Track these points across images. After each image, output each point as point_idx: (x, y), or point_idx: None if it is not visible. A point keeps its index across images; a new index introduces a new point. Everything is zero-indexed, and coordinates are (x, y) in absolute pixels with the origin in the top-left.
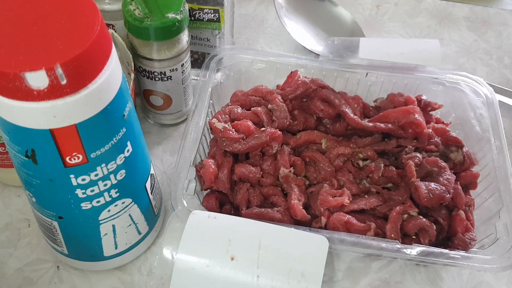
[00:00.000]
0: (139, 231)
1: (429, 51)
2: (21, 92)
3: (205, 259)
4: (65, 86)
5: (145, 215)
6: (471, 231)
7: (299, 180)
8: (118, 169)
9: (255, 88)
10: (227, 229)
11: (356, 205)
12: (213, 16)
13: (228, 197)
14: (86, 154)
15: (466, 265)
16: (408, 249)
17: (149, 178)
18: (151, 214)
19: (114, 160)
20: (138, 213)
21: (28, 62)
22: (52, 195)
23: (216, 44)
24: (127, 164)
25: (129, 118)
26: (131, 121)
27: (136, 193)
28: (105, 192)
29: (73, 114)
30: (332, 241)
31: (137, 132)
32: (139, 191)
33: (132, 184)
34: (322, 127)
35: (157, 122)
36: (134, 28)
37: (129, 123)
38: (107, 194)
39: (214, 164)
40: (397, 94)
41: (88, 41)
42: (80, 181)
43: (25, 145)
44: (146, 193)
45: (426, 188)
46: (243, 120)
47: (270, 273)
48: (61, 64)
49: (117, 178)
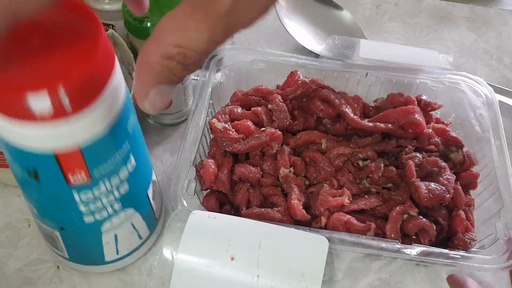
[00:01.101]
0: (140, 236)
1: (427, 58)
2: (24, 113)
3: (205, 259)
4: (67, 107)
5: (146, 221)
6: (471, 231)
7: (299, 180)
8: (121, 183)
9: (255, 88)
10: (227, 229)
11: (356, 205)
12: None
13: (228, 197)
14: (89, 171)
15: (466, 265)
16: (408, 249)
17: (151, 185)
18: (152, 219)
19: (117, 174)
20: (140, 220)
21: (31, 83)
22: (55, 210)
23: None
24: (131, 177)
25: (132, 132)
26: (134, 135)
27: (138, 202)
28: (108, 206)
29: (76, 133)
30: (332, 241)
31: (140, 144)
32: (141, 200)
33: (134, 195)
34: (322, 127)
35: (157, 122)
36: (134, 28)
37: (132, 137)
38: (110, 207)
39: (214, 164)
40: (397, 94)
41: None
42: (83, 198)
43: (27, 165)
44: (148, 200)
45: (426, 188)
46: (243, 120)
47: (270, 273)
48: (63, 85)
49: (121, 192)
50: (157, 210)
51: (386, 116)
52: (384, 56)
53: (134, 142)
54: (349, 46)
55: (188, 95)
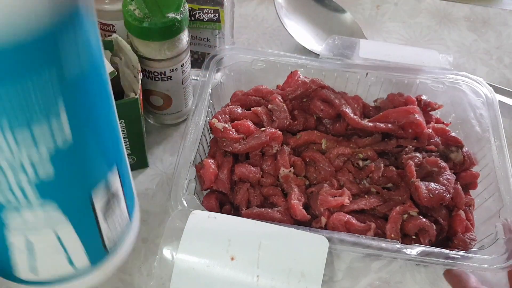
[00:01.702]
0: (72, 262)
1: (427, 57)
2: None
3: (205, 259)
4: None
5: (84, 243)
6: (471, 231)
7: (299, 180)
8: (39, 155)
9: (255, 88)
10: (227, 229)
11: (356, 205)
12: (213, 16)
13: (228, 197)
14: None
15: (466, 265)
16: (408, 249)
17: (101, 189)
18: (97, 247)
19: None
20: (71, 235)
21: None
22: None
23: (216, 44)
24: (58, 157)
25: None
26: (83, 89)
27: (72, 205)
28: (15, 188)
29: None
30: (332, 241)
31: (94, 118)
32: (77, 202)
33: (65, 191)
34: (322, 127)
35: (157, 122)
36: (134, 28)
37: (77, 92)
38: (20, 192)
39: (214, 164)
40: (397, 94)
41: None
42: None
43: None
44: (91, 210)
45: (426, 188)
46: (243, 120)
47: (270, 273)
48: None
49: (38, 171)
50: (109, 238)
51: (386, 116)
52: (384, 56)
53: (78, 104)
54: (349, 46)
55: (188, 95)
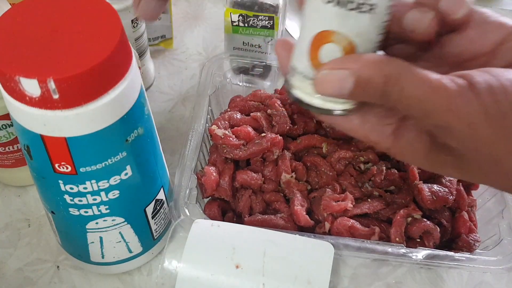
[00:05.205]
0: (130, 250)
1: None
2: (16, 93)
3: (209, 268)
4: (56, 100)
5: (139, 236)
6: (475, 232)
7: (301, 185)
8: (110, 188)
9: (254, 93)
10: (231, 237)
11: (359, 209)
12: (267, 23)
13: (230, 204)
14: (75, 167)
15: (471, 267)
16: (413, 253)
17: (152, 203)
18: (148, 237)
19: (107, 179)
20: (130, 233)
21: (28, 68)
22: (45, 191)
23: (267, 51)
24: (123, 186)
25: (134, 144)
26: (137, 147)
27: (131, 214)
28: (93, 206)
29: (64, 127)
30: (337, 247)
31: (144, 160)
32: (135, 214)
33: (127, 205)
34: (322, 131)
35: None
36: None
37: (133, 149)
38: (96, 208)
39: (215, 172)
40: None
41: (93, 62)
42: (68, 188)
43: (23, 139)
44: (145, 217)
45: (430, 191)
46: (243, 126)
47: (276, 281)
48: (54, 80)
49: (109, 196)
50: (156, 231)
51: None
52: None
53: (134, 154)
54: None
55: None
